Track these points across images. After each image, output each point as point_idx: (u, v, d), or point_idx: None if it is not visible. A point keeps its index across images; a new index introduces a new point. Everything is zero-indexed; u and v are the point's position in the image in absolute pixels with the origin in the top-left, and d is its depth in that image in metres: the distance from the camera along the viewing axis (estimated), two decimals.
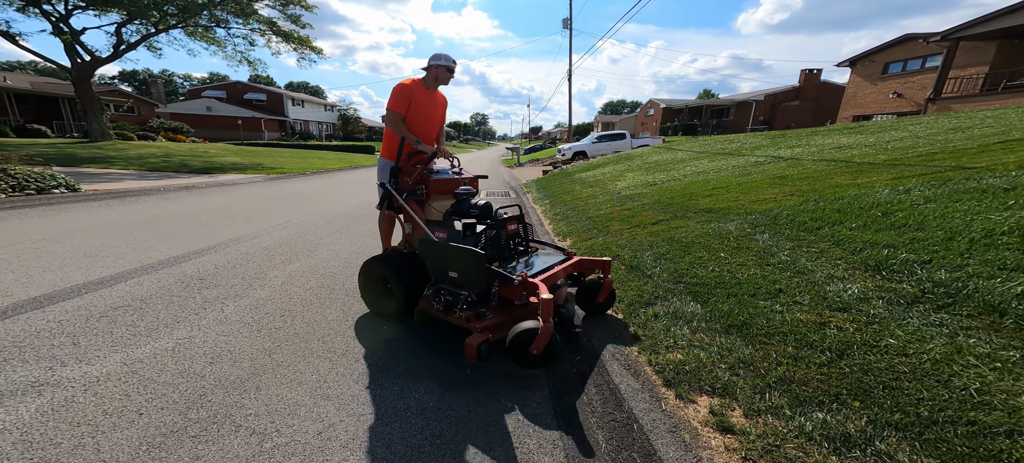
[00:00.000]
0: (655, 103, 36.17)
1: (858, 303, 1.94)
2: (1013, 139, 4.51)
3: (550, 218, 5.82)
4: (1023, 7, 10.70)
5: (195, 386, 1.66)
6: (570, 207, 6.02)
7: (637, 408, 1.56)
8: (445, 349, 2.00)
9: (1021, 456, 1.02)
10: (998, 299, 1.70)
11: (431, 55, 2.48)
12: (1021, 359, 1.38)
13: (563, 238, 4.58)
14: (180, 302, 2.48)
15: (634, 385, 1.72)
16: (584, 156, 15.57)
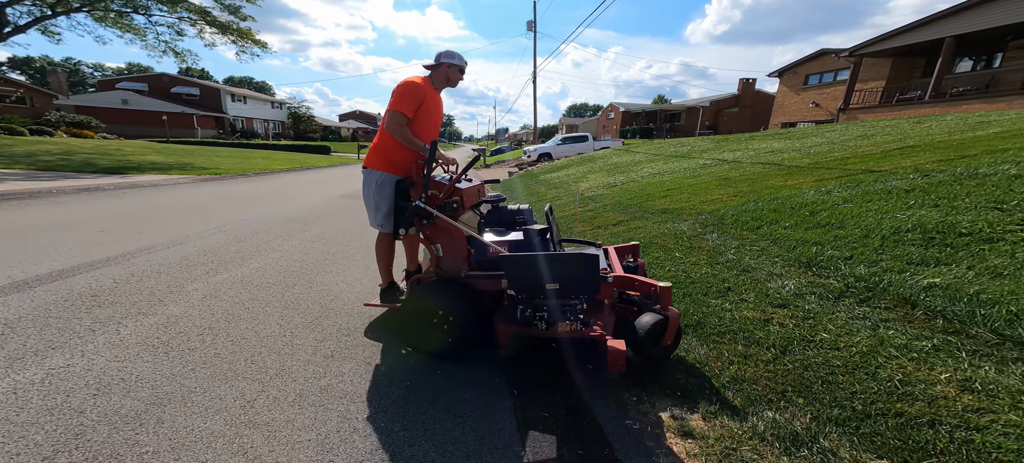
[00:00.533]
0: (615, 107, 37.82)
1: (795, 299, 2.06)
2: (908, 146, 5.24)
3: None
4: (910, 29, 12.65)
5: (69, 424, 1.37)
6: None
7: (603, 418, 1.53)
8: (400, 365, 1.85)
9: (945, 446, 1.11)
10: (909, 292, 1.88)
11: (442, 52, 2.05)
12: (933, 348, 1.52)
13: None
14: (60, 324, 2.07)
15: (598, 392, 1.68)
16: (549, 158, 15.84)
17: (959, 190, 2.94)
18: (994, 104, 10.29)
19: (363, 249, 3.77)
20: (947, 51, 11.78)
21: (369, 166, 2.04)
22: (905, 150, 4.82)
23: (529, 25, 21.50)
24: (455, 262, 1.87)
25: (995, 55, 12.49)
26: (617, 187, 6.11)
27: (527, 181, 9.50)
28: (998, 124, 5.47)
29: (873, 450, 1.15)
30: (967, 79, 12.82)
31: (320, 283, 2.84)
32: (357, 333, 2.13)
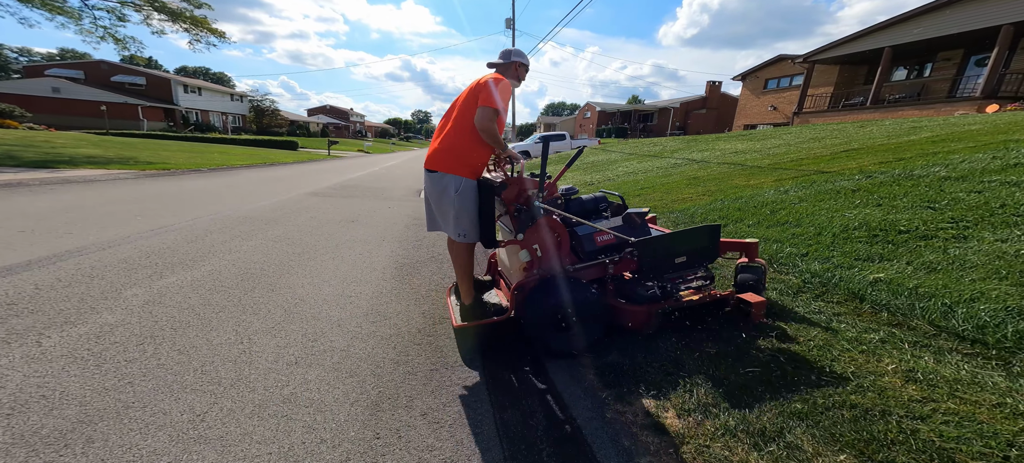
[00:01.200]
0: (591, 106, 38.51)
1: None
2: (853, 149, 5.68)
3: None
4: (853, 39, 13.73)
5: None
6: None
7: (581, 416, 1.53)
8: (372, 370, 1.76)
9: (895, 436, 1.18)
10: (857, 287, 2.01)
11: (511, 50, 2.00)
12: (879, 341, 1.62)
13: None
14: None
15: (576, 391, 1.68)
16: (527, 156, 15.94)
17: (898, 190, 3.21)
18: (924, 111, 11.42)
19: (332, 249, 3.57)
20: (885, 61, 12.91)
21: (442, 170, 1.82)
22: (850, 152, 5.23)
23: (508, 23, 21.41)
24: (559, 258, 1.84)
25: (925, 65, 13.87)
26: (593, 186, 6.20)
27: None
28: (928, 129, 6.05)
29: (833, 443, 1.21)
30: (902, 87, 14.13)
31: (284, 286, 2.66)
32: (325, 338, 2.01)
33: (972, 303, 1.66)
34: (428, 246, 3.99)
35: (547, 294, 1.76)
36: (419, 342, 2.01)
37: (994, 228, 2.31)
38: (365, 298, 2.52)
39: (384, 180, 10.77)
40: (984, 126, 5.34)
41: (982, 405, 1.21)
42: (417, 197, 7.57)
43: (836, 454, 1.17)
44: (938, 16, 11.22)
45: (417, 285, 2.82)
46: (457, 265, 2.01)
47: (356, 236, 4.13)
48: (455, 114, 1.86)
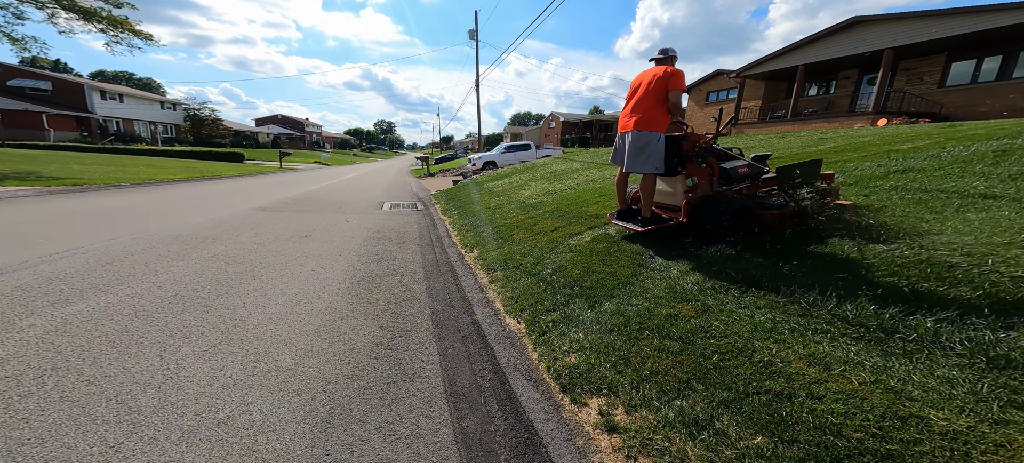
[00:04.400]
0: (556, 116, 39.69)
1: (697, 293, 2.31)
2: (775, 158, 6.45)
3: (458, 230, 5.68)
4: (774, 57, 15.40)
5: None
6: (478, 217, 5.99)
7: (537, 419, 1.57)
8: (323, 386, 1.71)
9: (799, 416, 1.32)
10: (776, 282, 2.23)
11: (670, 48, 3.01)
12: (789, 330, 1.79)
13: (470, 249, 4.52)
14: None
15: (534, 396, 1.75)
16: (494, 166, 16.00)
17: None
18: (831, 123, 13.15)
19: (281, 267, 3.36)
20: (800, 78, 14.70)
21: (646, 129, 2.83)
22: (772, 161, 5.93)
23: (471, 34, 21.59)
24: (710, 185, 3.00)
25: (831, 83, 16.06)
26: (556, 195, 6.41)
27: (471, 190, 9.43)
28: (833, 140, 6.96)
29: (752, 426, 1.36)
30: (814, 102, 16.16)
31: (221, 307, 2.47)
32: (269, 357, 1.90)
33: (856, 294, 1.95)
34: (388, 260, 3.90)
35: (716, 203, 2.79)
36: (376, 356, 1.97)
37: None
38: (317, 315, 2.42)
39: (343, 193, 10.28)
40: (874, 138, 6.27)
41: (863, 383, 1.39)
42: (379, 210, 7.33)
43: (753, 436, 1.32)
44: (836, 40, 13.01)
45: (375, 299, 2.75)
46: (645, 191, 3.02)
47: (309, 252, 3.92)
48: (643, 95, 2.85)
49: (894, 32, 11.61)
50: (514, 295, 2.83)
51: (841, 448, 1.19)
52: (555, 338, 2.18)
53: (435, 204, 8.56)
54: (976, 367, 1.38)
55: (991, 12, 9.73)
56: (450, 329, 2.45)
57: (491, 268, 3.58)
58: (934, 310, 1.72)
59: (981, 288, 1.85)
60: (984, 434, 1.11)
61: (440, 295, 3.05)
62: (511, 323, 2.48)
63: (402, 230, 5.62)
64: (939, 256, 2.20)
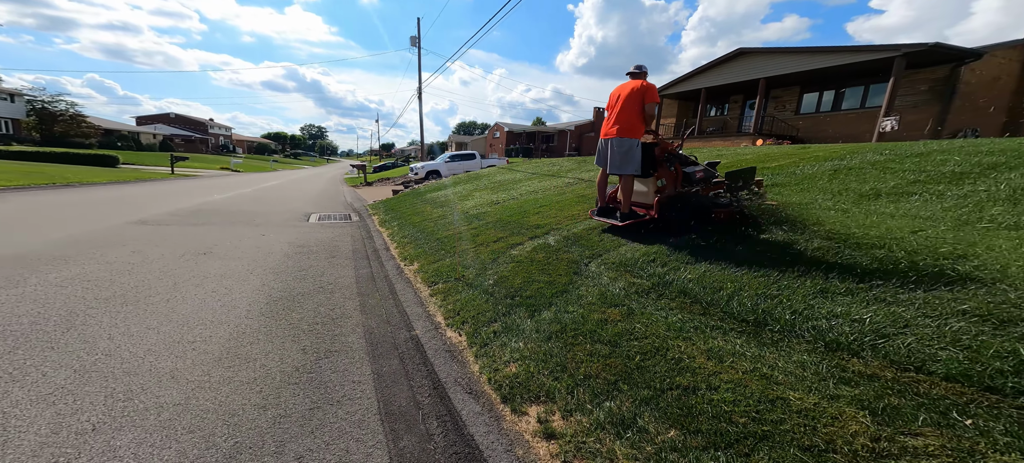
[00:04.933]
0: (500, 126, 40.19)
1: (623, 298, 2.50)
2: None
3: (398, 242, 5.41)
4: (682, 80, 17.45)
5: None
6: (419, 229, 5.77)
7: (478, 432, 1.56)
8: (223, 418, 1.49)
9: (701, 407, 1.51)
10: (685, 285, 2.51)
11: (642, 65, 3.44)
12: (694, 328, 2.05)
13: (411, 262, 4.33)
14: None
15: (475, 409, 1.74)
16: (438, 175, 15.58)
17: None
18: (726, 142, 15.54)
19: (168, 289, 2.86)
20: (702, 100, 17.16)
21: (627, 136, 3.27)
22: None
23: (413, 41, 20.99)
24: (675, 187, 3.49)
25: (724, 106, 19.03)
26: (499, 205, 6.48)
27: (412, 200, 9.06)
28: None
29: (667, 421, 1.52)
30: (713, 122, 18.93)
31: (74, 341, 2.10)
32: (147, 394, 1.61)
33: (740, 291, 2.31)
34: (315, 276, 3.56)
35: (677, 202, 3.34)
36: (296, 381, 1.78)
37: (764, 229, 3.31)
38: (218, 341, 2.11)
39: (259, 203, 9.12)
40: (754, 156, 7.56)
41: (746, 372, 1.65)
42: (305, 222, 6.64)
43: (668, 430, 1.48)
44: (727, 68, 15.39)
45: (297, 320, 2.48)
46: (625, 190, 3.46)
47: (208, 271, 3.40)
48: (622, 106, 3.31)
49: (766, 64, 14.18)
50: (456, 308, 2.80)
51: (731, 433, 1.38)
52: (496, 349, 2.18)
53: (372, 215, 8.04)
54: (818, 351, 1.74)
55: (826, 53, 12.44)
56: (386, 346, 2.33)
57: (433, 281, 3.49)
58: (796, 295, 2.11)
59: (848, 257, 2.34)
60: (825, 409, 1.40)
61: (376, 311, 2.89)
62: (452, 336, 2.45)
63: (332, 244, 5.16)
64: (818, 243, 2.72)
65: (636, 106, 3.24)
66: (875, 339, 1.70)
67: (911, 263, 2.32)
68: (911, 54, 10.54)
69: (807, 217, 3.35)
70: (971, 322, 1.67)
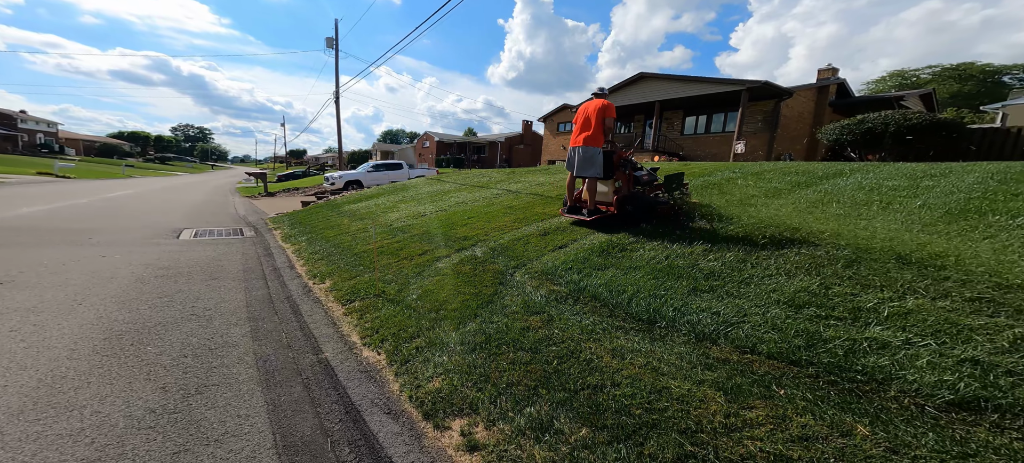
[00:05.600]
0: (431, 136, 38.94)
1: (544, 305, 2.63)
2: None
3: (306, 259, 4.81)
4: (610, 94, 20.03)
5: None
6: (334, 244, 5.23)
7: (397, 453, 1.48)
8: None
9: (608, 403, 1.67)
10: (595, 290, 2.75)
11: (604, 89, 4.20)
12: (603, 330, 2.27)
13: (321, 280, 3.90)
14: None
15: (394, 429, 1.67)
16: (359, 185, 14.39)
17: None
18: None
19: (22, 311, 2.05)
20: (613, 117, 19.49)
21: (592, 146, 3.89)
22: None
23: (330, 42, 19.17)
24: (628, 187, 4.17)
25: (631, 124, 21.86)
26: (426, 217, 6.25)
27: (326, 212, 8.14)
28: None
29: (579, 420, 1.63)
30: (622, 139, 21.48)
31: None
32: None
33: (637, 294, 2.67)
34: (185, 303, 2.96)
35: (637, 201, 3.98)
36: (151, 425, 1.50)
37: (655, 239, 3.82)
38: (18, 391, 1.69)
39: (101, 217, 7.26)
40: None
41: (641, 366, 1.89)
42: (173, 240, 5.45)
43: (580, 429, 1.59)
44: (631, 89, 17.45)
45: (156, 355, 2.04)
46: (590, 191, 4.04)
47: (6, 306, 2.56)
48: (589, 120, 3.92)
49: (660, 89, 16.69)
50: (374, 325, 2.65)
51: (630, 424, 1.56)
52: (419, 365, 2.12)
53: (274, 229, 7.01)
54: (691, 342, 2.09)
55: (699, 83, 15.19)
56: (287, 373, 2.12)
57: (348, 299, 3.24)
58: (676, 295, 2.49)
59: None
60: (694, 393, 1.69)
61: (272, 337, 2.59)
62: (370, 356, 2.32)
63: (214, 264, 4.42)
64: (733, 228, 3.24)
65: (598, 121, 3.87)
66: (726, 328, 2.12)
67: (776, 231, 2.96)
68: (752, 89, 13.61)
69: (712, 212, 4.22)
70: (782, 309, 2.19)
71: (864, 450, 1.28)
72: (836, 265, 2.57)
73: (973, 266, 2.40)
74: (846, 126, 10.00)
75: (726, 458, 1.34)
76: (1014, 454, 1.20)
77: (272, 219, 8.31)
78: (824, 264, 2.62)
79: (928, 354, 1.67)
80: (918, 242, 2.94)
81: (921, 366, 1.61)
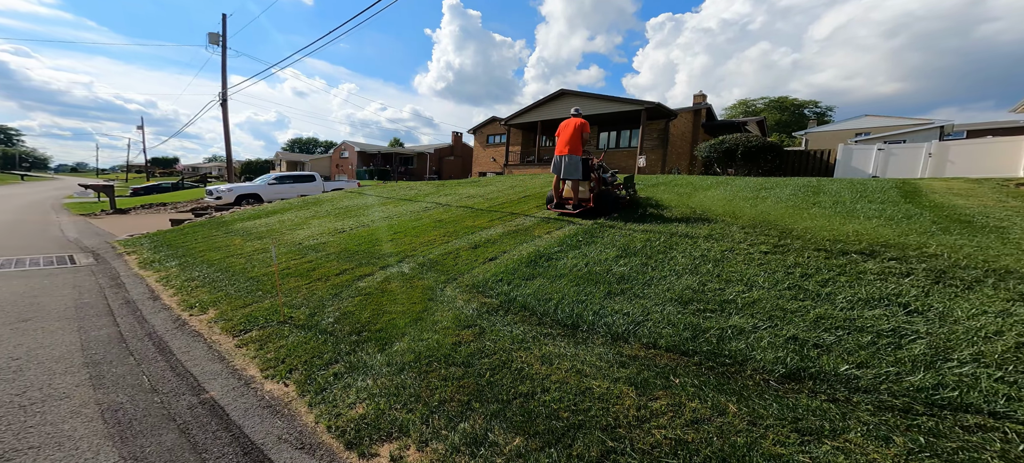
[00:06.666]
0: (350, 146, 35.42)
1: (475, 318, 2.63)
2: (529, 195, 8.52)
3: (178, 287, 3.95)
4: (522, 112, 20.50)
5: None
6: (221, 268, 4.39)
7: None
8: None
9: (538, 410, 1.74)
10: (525, 301, 2.85)
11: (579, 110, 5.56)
12: (533, 338, 2.36)
13: (202, 310, 3.25)
14: None
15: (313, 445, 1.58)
16: (257, 200, 12.29)
17: (547, 227, 5.13)
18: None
19: None
20: (539, 131, 20.60)
21: (574, 154, 5.05)
22: (527, 198, 7.85)
23: (214, 38, 16.09)
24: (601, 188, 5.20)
25: (554, 137, 23.54)
26: (345, 233, 5.67)
27: (208, 231, 6.74)
28: None
29: (513, 430, 1.66)
30: (547, 151, 23.03)
31: None
32: None
33: (562, 301, 2.85)
34: None
35: (606, 196, 5.12)
36: None
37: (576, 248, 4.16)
38: None
39: None
40: None
41: (567, 370, 2.02)
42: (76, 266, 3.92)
43: (514, 438, 1.62)
44: (554, 105, 18.56)
45: None
46: (574, 189, 5.31)
47: None
48: (570, 135, 5.07)
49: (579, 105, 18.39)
50: (279, 356, 2.38)
51: (559, 428, 1.64)
52: (338, 392, 1.98)
53: (126, 255, 5.58)
54: (608, 342, 2.32)
55: (608, 101, 17.16)
56: (153, 421, 1.82)
57: (242, 329, 2.84)
58: (594, 299, 2.73)
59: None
60: (611, 391, 1.88)
61: (126, 382, 2.18)
62: (274, 388, 2.08)
63: (25, 301, 3.52)
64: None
65: (578, 135, 5.06)
66: (635, 327, 2.42)
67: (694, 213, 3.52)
68: (648, 109, 16.04)
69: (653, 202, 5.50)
70: (675, 306, 2.61)
71: (734, 425, 1.58)
72: (708, 264, 3.16)
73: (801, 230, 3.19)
74: (713, 145, 12.59)
75: (639, 449, 1.51)
76: (824, 413, 1.60)
77: (123, 242, 6.53)
78: (700, 264, 3.20)
79: (768, 335, 2.17)
80: (774, 216, 3.82)
81: (764, 346, 2.08)
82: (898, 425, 1.51)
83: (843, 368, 1.84)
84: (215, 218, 8.54)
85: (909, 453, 1.38)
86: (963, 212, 4.51)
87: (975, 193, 5.74)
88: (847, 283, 2.65)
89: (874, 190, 6.13)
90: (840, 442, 1.45)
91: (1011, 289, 2.37)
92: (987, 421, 1.48)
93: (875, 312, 2.27)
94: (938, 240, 3.33)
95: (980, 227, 3.69)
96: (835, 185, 6.77)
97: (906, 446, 1.41)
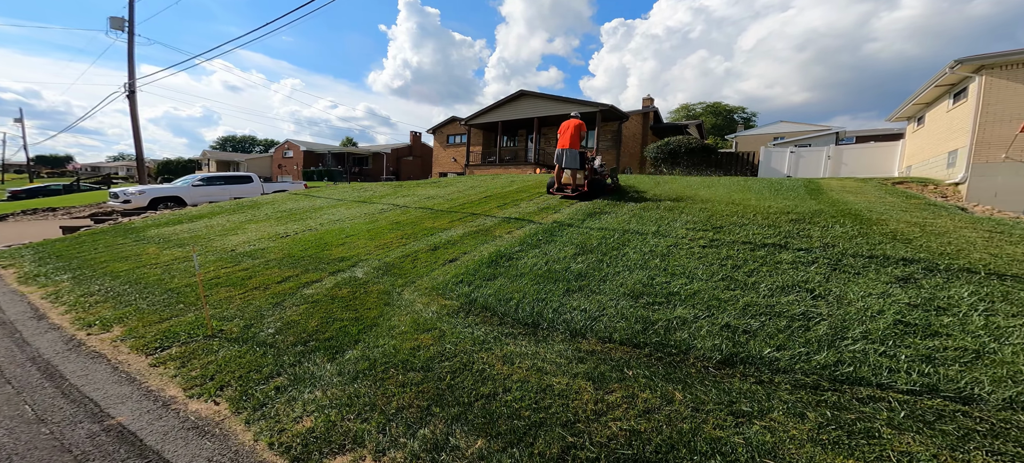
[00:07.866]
0: (294, 144, 32.41)
1: (435, 321, 2.58)
2: (488, 196, 8.45)
3: (71, 303, 3.39)
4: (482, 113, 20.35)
5: None
6: (129, 280, 3.83)
7: None
8: None
9: (500, 409, 1.75)
10: (486, 302, 2.84)
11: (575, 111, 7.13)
12: (494, 338, 2.36)
13: (105, 328, 2.81)
14: None
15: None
16: (179, 203, 10.77)
17: (508, 227, 5.15)
18: (521, 169, 19.25)
19: None
20: (500, 131, 20.63)
21: (574, 148, 6.31)
22: (488, 198, 7.82)
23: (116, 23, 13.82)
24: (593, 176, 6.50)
25: (515, 138, 23.70)
26: (288, 238, 5.18)
27: (112, 239, 5.79)
28: (518, 183, 10.19)
29: (475, 432, 1.64)
30: (508, 151, 23.15)
31: None
32: None
33: (523, 300, 2.89)
34: None
35: (597, 182, 6.44)
36: None
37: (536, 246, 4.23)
38: None
39: None
40: (536, 182, 9.90)
41: (528, 369, 2.05)
42: None
43: (476, 441, 1.60)
44: (513, 106, 18.89)
45: None
46: (573, 177, 6.50)
47: None
48: (570, 133, 6.43)
49: (538, 106, 18.69)
50: (206, 372, 2.18)
51: (521, 427, 1.65)
52: (281, 406, 1.85)
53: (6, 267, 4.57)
54: (567, 339, 2.40)
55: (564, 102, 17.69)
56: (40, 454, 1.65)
57: (158, 346, 2.56)
58: (554, 298, 2.80)
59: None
60: (571, 386, 1.94)
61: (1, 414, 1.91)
62: (200, 408, 1.91)
63: None
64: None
65: (577, 134, 6.31)
66: (592, 322, 2.53)
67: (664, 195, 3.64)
68: (603, 111, 16.88)
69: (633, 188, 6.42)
70: (627, 301, 2.78)
71: (680, 412, 1.72)
72: (656, 259, 3.41)
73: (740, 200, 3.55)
74: (660, 146, 13.67)
75: (598, 442, 1.58)
76: (753, 395, 1.80)
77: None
78: (648, 259, 3.43)
79: (707, 324, 2.40)
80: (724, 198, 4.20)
81: (703, 335, 2.30)
82: (810, 401, 1.74)
83: (767, 351, 2.08)
84: (122, 224, 7.31)
85: (820, 427, 1.59)
86: (853, 206, 5.38)
87: (862, 191, 6.89)
88: (767, 272, 3.01)
89: (788, 187, 7.12)
90: (767, 422, 1.63)
91: (889, 273, 2.87)
92: (876, 392, 1.77)
93: (789, 298, 2.61)
94: (833, 232, 3.92)
95: (865, 219, 4.42)
96: (759, 183, 7.70)
97: (817, 421, 1.63)
